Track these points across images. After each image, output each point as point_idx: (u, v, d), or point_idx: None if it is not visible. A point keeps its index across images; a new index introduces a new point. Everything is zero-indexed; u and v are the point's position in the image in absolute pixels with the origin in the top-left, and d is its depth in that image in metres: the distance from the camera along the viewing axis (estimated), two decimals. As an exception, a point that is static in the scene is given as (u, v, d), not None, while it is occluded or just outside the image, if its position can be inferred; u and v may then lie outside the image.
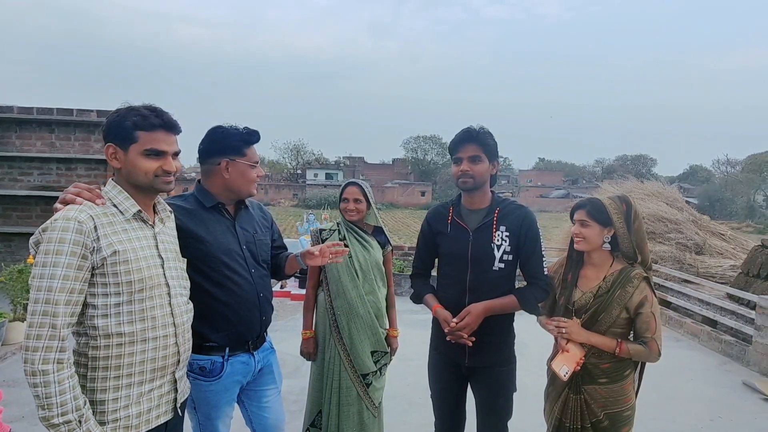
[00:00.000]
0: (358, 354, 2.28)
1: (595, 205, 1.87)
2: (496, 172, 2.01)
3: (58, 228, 1.26)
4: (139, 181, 1.42)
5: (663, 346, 1.85)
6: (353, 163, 59.93)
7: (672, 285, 6.12)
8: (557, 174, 62.85)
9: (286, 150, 57.54)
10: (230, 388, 1.81)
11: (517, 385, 2.08)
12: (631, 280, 1.83)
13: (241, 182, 1.83)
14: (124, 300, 1.35)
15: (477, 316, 1.86)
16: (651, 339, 1.81)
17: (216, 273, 1.75)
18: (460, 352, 1.98)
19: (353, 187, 2.35)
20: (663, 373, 4.33)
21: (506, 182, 64.85)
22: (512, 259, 1.94)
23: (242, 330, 1.82)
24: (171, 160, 1.45)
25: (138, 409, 1.39)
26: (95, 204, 1.36)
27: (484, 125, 1.97)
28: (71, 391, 1.24)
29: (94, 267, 1.30)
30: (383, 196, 45.62)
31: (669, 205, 8.38)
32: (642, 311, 1.81)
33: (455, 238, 2.00)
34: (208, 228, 1.77)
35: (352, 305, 2.28)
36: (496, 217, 1.95)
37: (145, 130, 1.39)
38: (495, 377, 2.01)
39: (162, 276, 1.45)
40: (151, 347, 1.40)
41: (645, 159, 59.55)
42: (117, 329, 1.34)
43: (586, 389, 1.88)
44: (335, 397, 2.29)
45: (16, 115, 6.30)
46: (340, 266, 2.29)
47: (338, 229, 2.39)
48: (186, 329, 1.53)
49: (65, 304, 1.24)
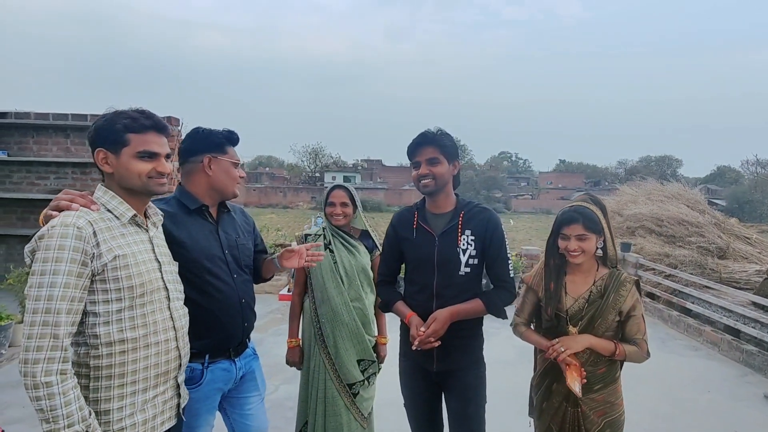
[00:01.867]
0: (344, 363, 2.21)
1: (588, 216, 1.81)
2: (458, 173, 1.98)
3: (56, 235, 1.23)
4: (133, 184, 1.40)
5: (680, 354, 1.81)
6: (371, 165, 60.06)
7: (691, 291, 5.87)
8: (578, 176, 61.58)
9: (304, 153, 57.97)
10: (210, 396, 1.77)
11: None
12: (623, 284, 1.83)
13: (225, 180, 1.79)
14: (125, 306, 1.33)
15: (443, 322, 1.83)
16: (641, 340, 1.82)
17: (198, 278, 1.71)
18: (427, 357, 1.94)
19: (340, 191, 2.29)
20: (679, 384, 4.14)
21: (526, 184, 64.04)
22: (478, 263, 1.93)
23: (223, 337, 1.77)
24: (164, 162, 1.43)
25: (143, 417, 1.38)
26: (90, 210, 1.33)
27: (442, 128, 1.93)
28: (76, 402, 1.21)
29: (95, 273, 1.28)
30: (400, 198, 45.49)
31: (690, 207, 8.08)
32: (634, 314, 1.82)
33: (421, 243, 1.95)
34: (191, 232, 1.73)
35: (337, 312, 2.22)
36: (461, 221, 1.92)
37: (136, 132, 1.38)
38: (465, 381, 1.96)
39: (161, 280, 1.44)
40: (154, 352, 1.39)
41: (670, 160, 57.87)
42: (119, 336, 1.32)
43: (583, 400, 1.81)
44: (321, 407, 2.23)
45: (33, 121, 6.47)
46: (325, 272, 2.23)
47: (324, 234, 2.33)
48: (185, 333, 1.52)
49: (67, 313, 1.21)
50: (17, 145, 6.60)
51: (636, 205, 8.55)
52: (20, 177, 6.63)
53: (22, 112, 6.53)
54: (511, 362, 4.17)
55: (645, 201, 8.56)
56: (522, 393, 2.17)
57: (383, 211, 40.76)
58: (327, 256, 2.25)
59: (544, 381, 1.92)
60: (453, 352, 1.93)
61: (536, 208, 46.15)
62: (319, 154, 57.27)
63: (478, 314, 1.92)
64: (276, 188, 49.69)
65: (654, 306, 6.39)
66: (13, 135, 6.59)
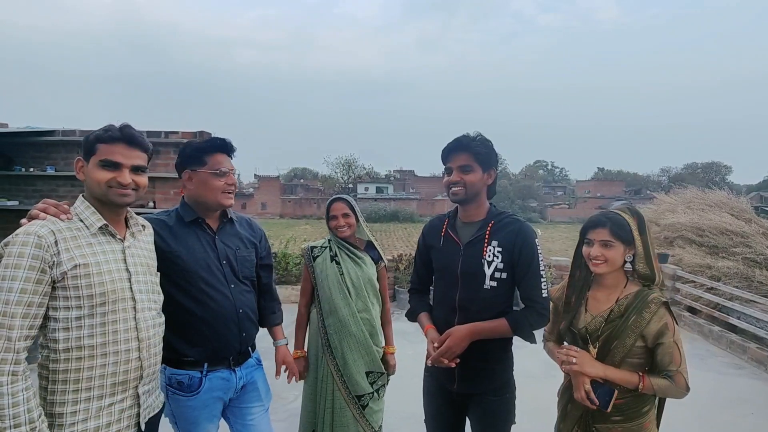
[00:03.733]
0: (352, 374, 2.21)
1: (617, 222, 1.67)
2: (493, 182, 1.85)
3: (18, 242, 1.29)
4: (95, 192, 1.44)
5: (721, 373, 1.64)
6: (403, 176, 60.10)
7: (735, 305, 5.52)
8: (618, 184, 59.32)
9: (337, 165, 58.69)
10: (210, 405, 1.80)
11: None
12: (648, 305, 1.63)
13: (204, 192, 1.79)
14: (85, 313, 1.36)
15: (460, 339, 1.73)
16: (676, 372, 1.59)
17: (193, 288, 1.75)
18: (448, 377, 1.86)
19: (339, 203, 2.31)
20: (718, 405, 3.88)
21: (562, 193, 62.32)
22: (506, 278, 1.77)
23: (218, 346, 1.80)
24: (126, 173, 1.45)
25: (97, 423, 1.39)
26: (59, 219, 1.38)
27: (481, 132, 1.82)
28: (25, 404, 1.25)
29: (55, 281, 1.32)
30: (433, 209, 45.24)
31: (735, 216, 7.62)
32: (663, 341, 1.60)
33: (446, 252, 1.89)
34: (186, 243, 1.78)
35: (345, 323, 2.22)
36: (489, 231, 1.80)
37: (104, 142, 1.43)
38: (487, 407, 1.84)
39: (128, 290, 1.45)
40: (112, 361, 1.40)
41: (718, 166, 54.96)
42: (77, 343, 1.35)
43: (598, 428, 1.68)
44: (329, 417, 2.23)
45: (78, 138, 6.86)
46: (332, 284, 2.25)
47: (329, 246, 2.34)
48: (152, 344, 1.51)
49: (22, 317, 1.26)
50: (63, 161, 7.02)
51: (674, 214, 8.15)
52: (66, 191, 7.03)
53: (69, 130, 6.96)
54: (538, 377, 4.04)
55: (684, 210, 8.15)
56: (548, 410, 2.07)
57: (416, 221, 40.60)
58: (333, 268, 2.27)
59: (562, 401, 1.82)
60: (475, 376, 1.81)
61: (573, 217, 44.72)
62: (351, 165, 57.85)
63: (502, 335, 1.76)
64: (310, 199, 50.45)
65: (694, 321, 6.05)
66: (60, 151, 7.01)
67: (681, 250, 7.40)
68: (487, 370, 1.83)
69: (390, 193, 51.98)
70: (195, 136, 6.77)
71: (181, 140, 6.67)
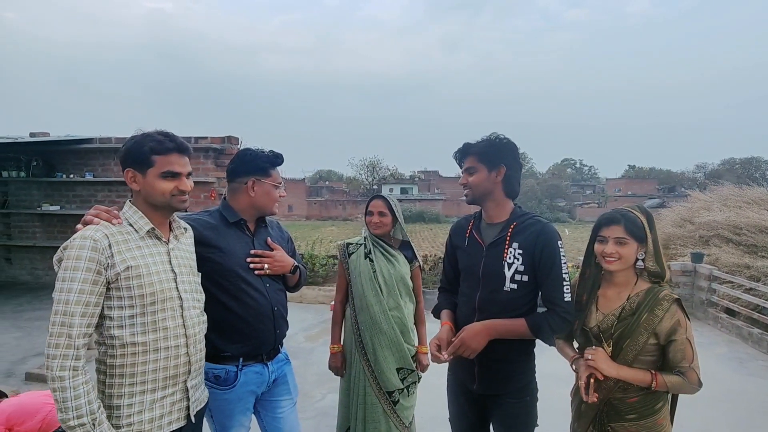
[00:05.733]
0: (383, 370, 2.25)
1: (632, 219, 1.67)
2: (509, 180, 1.82)
3: (75, 246, 1.38)
4: (157, 201, 1.52)
5: (761, 377, 1.62)
6: (428, 177, 59.84)
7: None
8: (650, 182, 57.33)
9: (362, 166, 59.02)
10: (244, 398, 1.87)
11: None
12: (660, 302, 1.63)
13: (265, 201, 1.93)
14: (137, 312, 1.44)
15: (474, 334, 1.73)
16: (689, 368, 1.60)
17: (232, 286, 1.83)
18: (469, 376, 1.88)
19: (378, 201, 2.36)
20: (758, 410, 3.74)
21: (591, 192, 60.81)
22: (528, 281, 1.77)
23: (256, 342, 1.88)
24: (185, 180, 1.55)
25: (150, 415, 1.48)
26: (111, 224, 1.48)
27: (498, 133, 1.83)
28: (85, 396, 1.34)
29: (109, 282, 1.41)
30: (459, 209, 44.89)
31: (775, 213, 7.30)
32: (675, 338, 1.61)
33: (470, 253, 1.91)
34: (228, 242, 1.86)
35: (376, 320, 2.27)
36: (511, 232, 1.80)
37: (160, 154, 1.50)
38: (507, 409, 1.84)
39: (174, 289, 1.53)
40: (163, 356, 1.49)
41: (758, 162, 52.42)
42: (131, 339, 1.44)
43: (613, 427, 1.68)
44: (361, 413, 2.28)
45: (114, 145, 7.17)
46: (364, 280, 2.30)
47: (364, 243, 2.40)
48: (198, 340, 1.60)
49: (81, 316, 1.35)
50: (101, 167, 7.34)
51: (710, 212, 7.87)
52: (103, 195, 7.35)
53: (105, 137, 7.26)
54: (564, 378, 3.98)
55: (720, 207, 7.86)
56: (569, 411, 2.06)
57: (441, 222, 40.40)
58: (367, 265, 2.32)
59: (575, 401, 1.82)
60: (495, 377, 1.82)
61: (603, 217, 43.52)
62: (376, 167, 58.10)
63: (521, 336, 1.75)
64: (336, 201, 50.89)
65: (732, 323, 5.82)
66: (98, 158, 7.34)
67: (717, 249, 7.14)
68: (507, 372, 1.83)
69: (415, 194, 51.88)
70: (223, 141, 6.96)
71: (210, 145, 6.88)
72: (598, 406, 1.70)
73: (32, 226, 7.54)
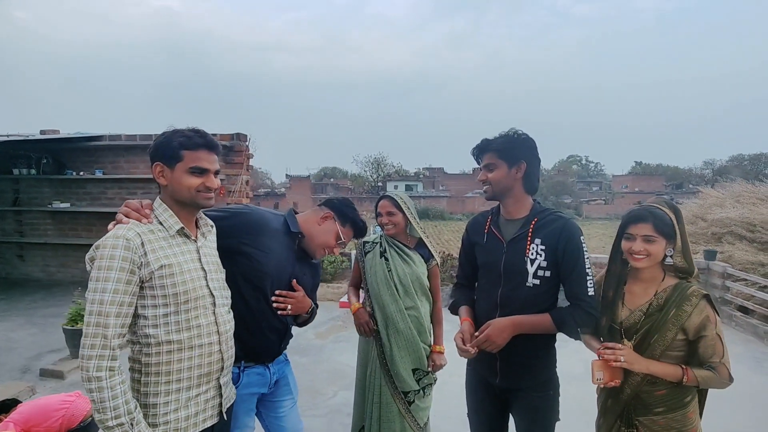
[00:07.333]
0: (399, 371, 2.23)
1: (661, 217, 1.65)
2: (529, 177, 1.80)
3: (108, 246, 1.36)
4: (183, 197, 1.50)
5: None
6: (432, 173, 59.71)
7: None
8: (657, 179, 56.81)
9: (367, 163, 58.90)
10: (247, 399, 1.88)
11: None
12: (688, 298, 1.62)
13: (325, 230, 1.99)
14: (171, 311, 1.44)
15: (500, 330, 1.72)
16: (720, 363, 1.60)
17: (263, 289, 1.85)
18: (490, 370, 1.87)
19: (385, 201, 2.33)
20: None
21: (598, 189, 60.48)
22: (550, 276, 1.76)
23: (259, 351, 1.91)
24: (212, 177, 1.53)
25: (186, 413, 1.48)
26: (141, 222, 1.46)
27: (516, 128, 1.81)
28: (123, 396, 1.33)
29: (143, 281, 1.39)
30: (463, 206, 44.80)
31: (789, 210, 7.21)
32: (706, 333, 1.60)
33: (490, 249, 1.89)
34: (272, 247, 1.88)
35: (392, 320, 2.25)
36: (532, 228, 1.79)
37: (189, 149, 1.49)
38: (530, 403, 1.84)
39: (206, 287, 1.53)
40: (197, 354, 1.48)
41: (767, 158, 51.97)
42: (166, 337, 1.43)
43: (641, 421, 1.67)
44: (376, 412, 2.27)
45: (123, 142, 7.19)
46: (380, 280, 2.28)
47: (380, 242, 2.38)
48: (229, 337, 1.60)
49: (115, 316, 1.33)
50: (111, 164, 7.36)
51: (722, 208, 7.78)
52: (113, 193, 7.38)
53: (115, 135, 7.28)
54: (579, 377, 3.95)
55: (733, 204, 7.77)
56: (589, 410, 2.05)
57: (446, 219, 40.35)
58: (382, 265, 2.30)
59: (601, 397, 1.81)
60: (517, 371, 1.82)
61: (610, 213, 43.24)
62: (381, 163, 58.00)
63: (546, 330, 1.75)
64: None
65: (747, 321, 5.76)
66: (107, 155, 7.36)
67: (731, 246, 7.06)
68: (529, 366, 1.83)
69: (419, 191, 51.79)
70: (232, 138, 6.95)
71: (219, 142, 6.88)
72: (625, 400, 1.69)
73: (44, 223, 7.59)
